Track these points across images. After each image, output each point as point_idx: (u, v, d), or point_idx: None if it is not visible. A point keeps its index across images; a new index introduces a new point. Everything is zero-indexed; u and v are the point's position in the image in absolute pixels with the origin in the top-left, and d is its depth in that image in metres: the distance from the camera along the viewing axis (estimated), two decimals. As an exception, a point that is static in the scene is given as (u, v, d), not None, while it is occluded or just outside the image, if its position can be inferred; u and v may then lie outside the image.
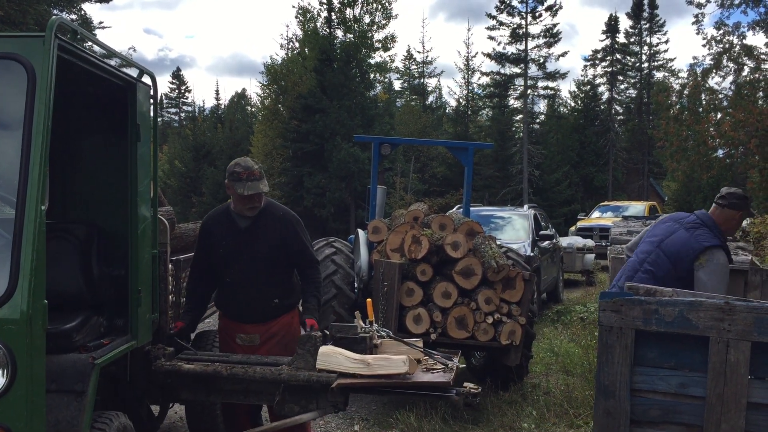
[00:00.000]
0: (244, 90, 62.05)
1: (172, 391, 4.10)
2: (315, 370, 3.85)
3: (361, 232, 7.76)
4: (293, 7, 31.10)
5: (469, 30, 64.27)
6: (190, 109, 59.96)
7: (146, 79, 3.97)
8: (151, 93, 4.03)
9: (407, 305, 6.42)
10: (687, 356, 3.71)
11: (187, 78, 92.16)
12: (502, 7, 36.76)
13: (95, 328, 3.64)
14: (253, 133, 31.56)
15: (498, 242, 8.45)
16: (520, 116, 37.39)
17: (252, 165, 4.34)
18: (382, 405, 6.78)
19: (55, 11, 19.24)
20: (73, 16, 19.68)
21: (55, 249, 3.70)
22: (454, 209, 12.63)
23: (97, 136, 4.15)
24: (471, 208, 12.98)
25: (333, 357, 3.83)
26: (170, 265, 4.45)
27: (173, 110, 61.10)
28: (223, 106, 52.58)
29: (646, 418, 3.79)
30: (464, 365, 3.85)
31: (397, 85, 44.57)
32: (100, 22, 36.83)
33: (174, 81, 61.03)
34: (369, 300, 4.35)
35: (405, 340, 4.14)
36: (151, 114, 4.04)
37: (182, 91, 60.19)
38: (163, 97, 60.78)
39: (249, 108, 45.18)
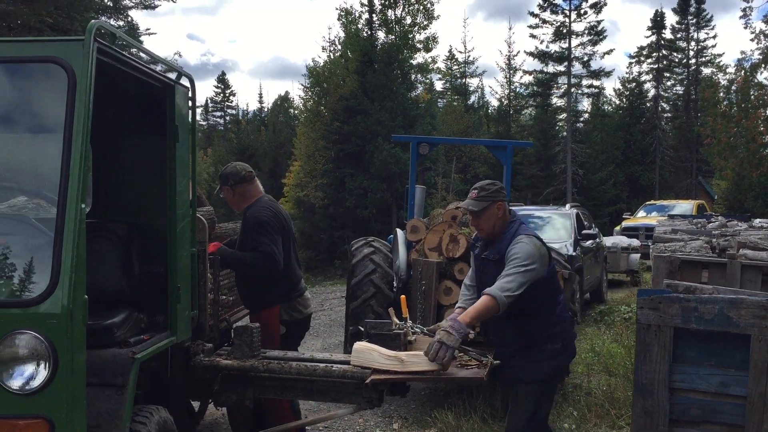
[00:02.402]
0: (287, 93, 62.65)
1: (211, 386, 4.18)
2: (253, 359, 4.02)
3: (399, 231, 7.79)
4: (336, 9, 31.49)
5: (510, 29, 63.80)
6: (234, 112, 60.77)
7: (185, 82, 4.06)
8: (190, 95, 4.11)
9: (445, 304, 6.42)
10: (728, 354, 3.64)
11: (231, 82, 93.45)
12: (546, 5, 36.42)
13: (136, 324, 3.74)
14: (296, 136, 31.83)
15: (539, 241, 8.37)
16: (564, 115, 36.96)
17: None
18: (421, 404, 6.79)
19: (102, 18, 19.73)
20: (120, 23, 20.14)
21: (97, 247, 3.82)
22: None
23: (138, 138, 4.25)
24: (512, 208, 12.92)
25: (367, 353, 3.87)
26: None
27: (218, 114, 62.02)
28: (266, 109, 53.17)
29: (685, 418, 3.74)
30: (498, 362, 3.83)
31: (438, 85, 44.52)
32: (147, 29, 37.64)
33: (219, 85, 61.98)
34: (403, 297, 4.38)
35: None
36: (190, 115, 4.12)
37: (227, 95, 61.07)
38: (209, 101, 61.76)
39: (292, 111, 45.59)
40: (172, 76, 4.03)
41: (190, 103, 4.12)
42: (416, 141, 8.02)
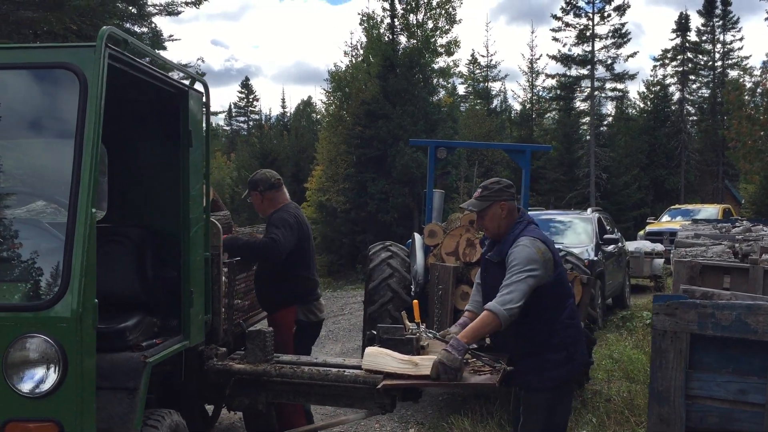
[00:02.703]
0: (309, 98, 62.90)
1: (224, 390, 4.19)
2: (265, 364, 4.04)
3: (417, 235, 7.77)
4: (358, 14, 31.50)
5: (533, 32, 63.52)
6: (257, 117, 61.13)
7: (199, 87, 4.08)
8: (203, 100, 4.13)
9: (462, 308, 6.31)
10: (746, 361, 3.57)
11: (255, 87, 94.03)
12: (568, 8, 36.21)
13: (149, 328, 3.75)
14: (318, 140, 31.93)
15: (559, 246, 8.29)
16: (587, 118, 36.68)
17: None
18: (438, 409, 6.75)
19: (126, 25, 19.96)
20: (144, 29, 20.35)
21: (110, 251, 3.84)
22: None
23: (152, 143, 4.28)
24: (533, 213, 12.85)
25: (379, 357, 3.84)
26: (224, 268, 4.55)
27: (242, 119, 62.43)
28: (288, 114, 53.45)
29: (702, 426, 3.67)
30: (512, 368, 3.79)
31: (461, 89, 44.42)
32: (170, 35, 37.92)
33: (242, 90, 62.37)
34: (415, 301, 4.35)
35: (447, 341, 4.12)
36: (204, 121, 4.14)
37: (250, 99, 61.47)
38: (232, 106, 62.17)
39: (314, 115, 45.78)
40: (187, 81, 4.05)
41: (204, 109, 4.13)
42: (434, 145, 8.00)
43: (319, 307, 5.22)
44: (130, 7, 19.45)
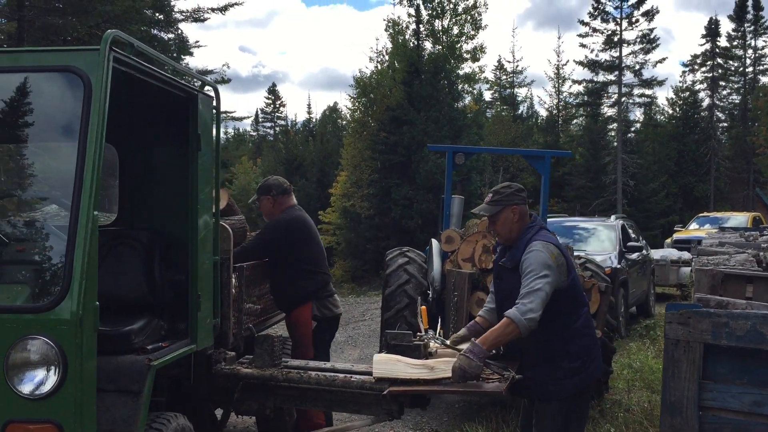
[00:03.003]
0: (335, 104, 63.07)
1: (232, 394, 4.18)
2: (273, 368, 4.06)
3: (434, 241, 7.73)
4: (383, 20, 31.43)
5: (559, 38, 63.01)
6: (284, 123, 61.44)
7: (209, 91, 4.09)
8: (214, 104, 4.14)
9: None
10: (762, 373, 3.48)
11: (281, 93, 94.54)
12: (596, 13, 35.88)
13: (156, 332, 3.76)
14: (343, 146, 31.99)
15: (580, 253, 8.18)
16: (614, 125, 36.29)
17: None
18: (455, 417, 6.69)
19: (153, 31, 20.20)
20: (171, 36, 20.58)
21: (119, 255, 3.86)
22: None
23: (163, 147, 4.30)
24: (556, 219, 12.71)
25: (392, 365, 3.80)
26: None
27: (268, 124, 62.79)
28: (314, 120, 53.63)
29: (716, 438, 3.58)
30: (521, 376, 3.73)
31: (487, 95, 44.23)
32: (196, 41, 38.41)
33: (269, 96, 62.76)
34: (423, 308, 4.32)
35: (458, 348, 4.07)
36: (214, 125, 4.15)
37: (277, 105, 61.83)
38: (259, 111, 62.55)
39: (340, 121, 45.90)
40: (202, 85, 4.07)
41: (214, 112, 4.14)
42: (452, 151, 7.97)
43: (333, 302, 5.42)
44: (157, 14, 19.68)
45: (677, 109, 40.09)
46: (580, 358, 3.67)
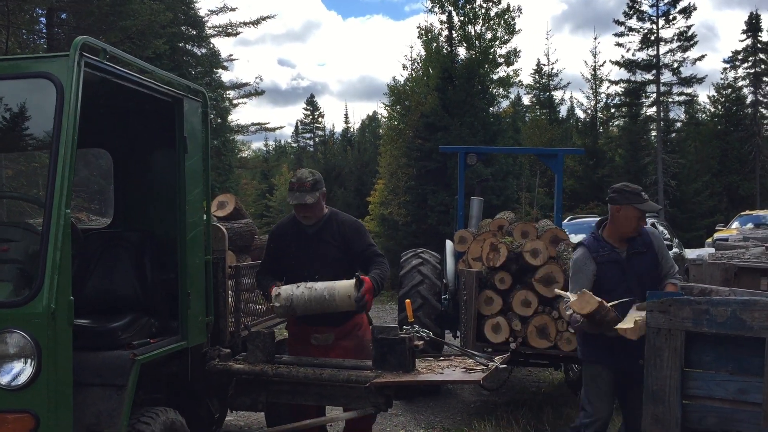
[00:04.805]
0: (374, 113, 63.29)
1: (226, 390, 4.28)
2: (264, 364, 4.10)
3: (449, 242, 7.77)
4: (417, 27, 31.38)
5: (595, 39, 62.09)
6: (322, 133, 61.86)
7: (196, 95, 4.21)
8: (201, 108, 4.25)
9: (486, 314, 6.31)
10: (745, 360, 3.43)
11: (320, 104, 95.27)
12: (631, 12, 35.33)
13: (146, 328, 3.87)
14: (380, 154, 32.10)
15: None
16: (654, 124, 35.65)
17: (305, 177, 4.42)
18: (468, 415, 6.69)
19: (188, 46, 20.64)
20: (203, 50, 21.00)
21: (111, 255, 4.00)
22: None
23: (154, 150, 4.43)
24: (586, 219, 12.59)
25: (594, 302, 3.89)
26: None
27: (308, 135, 63.31)
28: (352, 130, 53.94)
29: (702, 426, 3.54)
30: (504, 366, 3.75)
31: (526, 99, 43.90)
32: (229, 55, 39.04)
33: (308, 107, 63.28)
34: (408, 301, 4.36)
35: (444, 341, 4.10)
36: (202, 128, 4.26)
37: (315, 116, 62.31)
38: (299, 123, 63.16)
39: (379, 130, 46.06)
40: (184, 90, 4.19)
41: (202, 116, 4.25)
42: (463, 151, 7.99)
43: None
44: (190, 29, 20.12)
45: (719, 107, 39.18)
46: None
